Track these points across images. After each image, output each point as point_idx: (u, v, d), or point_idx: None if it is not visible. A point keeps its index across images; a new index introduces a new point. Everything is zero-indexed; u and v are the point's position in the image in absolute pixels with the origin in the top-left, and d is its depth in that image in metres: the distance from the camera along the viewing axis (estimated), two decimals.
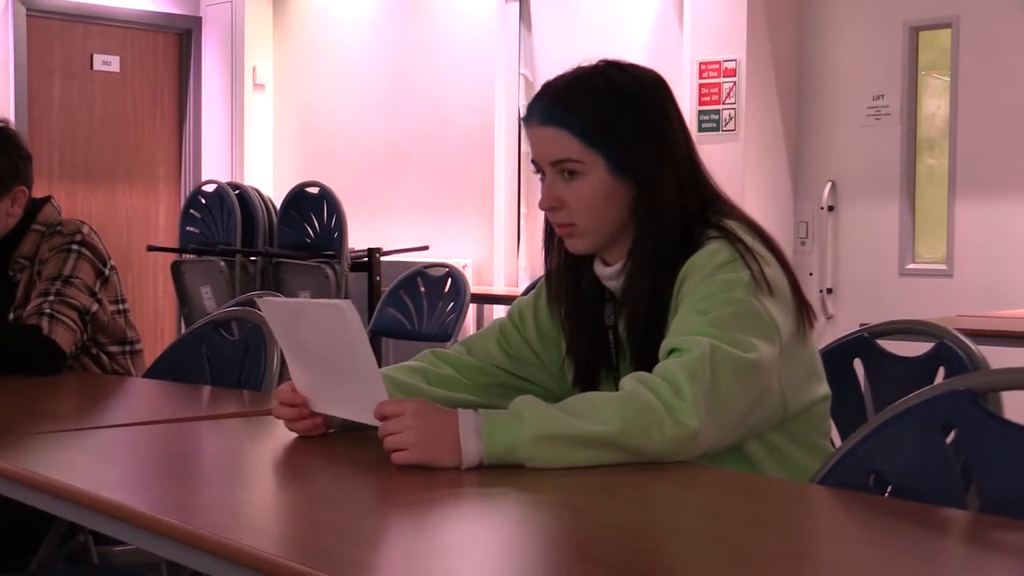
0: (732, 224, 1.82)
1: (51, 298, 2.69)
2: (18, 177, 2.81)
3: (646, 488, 1.57)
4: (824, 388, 1.90)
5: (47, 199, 2.88)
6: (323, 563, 1.22)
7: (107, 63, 7.71)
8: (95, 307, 2.76)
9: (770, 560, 1.26)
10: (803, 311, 1.83)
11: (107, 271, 2.81)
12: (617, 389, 1.71)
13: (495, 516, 1.50)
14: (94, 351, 2.82)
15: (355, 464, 1.76)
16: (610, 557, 1.26)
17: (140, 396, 2.54)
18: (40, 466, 1.72)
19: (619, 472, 1.60)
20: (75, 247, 2.77)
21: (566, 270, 1.95)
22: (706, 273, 1.75)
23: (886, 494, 1.60)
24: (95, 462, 1.83)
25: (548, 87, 1.89)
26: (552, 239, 1.96)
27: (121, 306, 2.86)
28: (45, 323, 2.65)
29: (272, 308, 1.89)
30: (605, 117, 1.84)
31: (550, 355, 2.00)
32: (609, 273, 1.90)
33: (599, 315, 1.94)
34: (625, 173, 1.84)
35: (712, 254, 1.77)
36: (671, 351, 1.70)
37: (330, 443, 1.85)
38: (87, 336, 2.77)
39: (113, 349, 2.84)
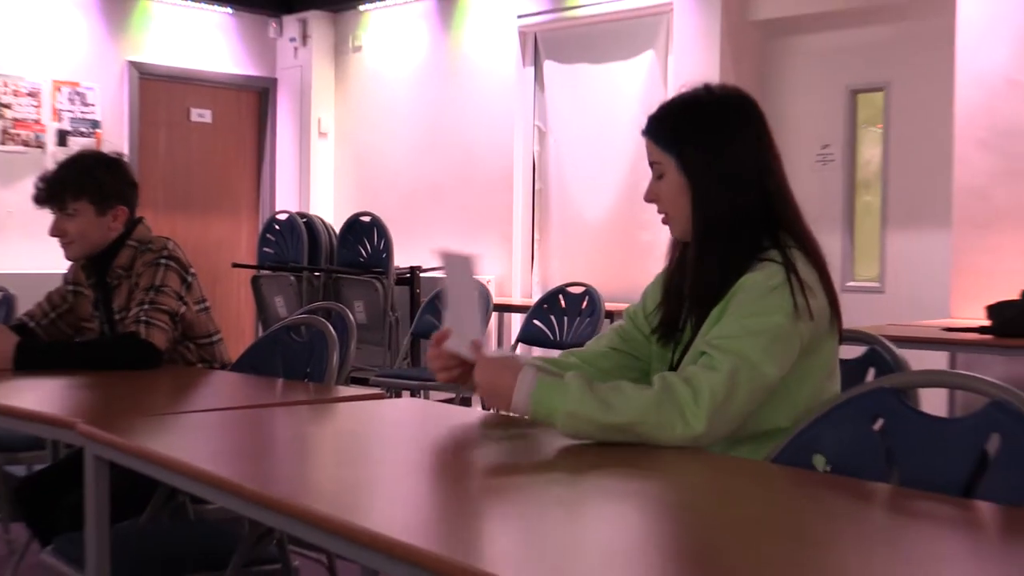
0: (795, 254, 1.76)
1: (146, 307, 2.71)
2: (121, 198, 2.82)
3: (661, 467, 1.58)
4: (836, 388, 1.82)
5: (140, 219, 2.89)
6: (366, 517, 1.24)
7: (201, 115, 7.76)
8: (183, 308, 2.78)
9: (731, 525, 1.28)
10: (837, 328, 1.80)
11: (189, 277, 2.82)
12: (674, 356, 1.81)
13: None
14: (184, 343, 2.85)
15: (398, 440, 1.78)
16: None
17: (226, 386, 2.56)
18: (149, 442, 1.74)
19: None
20: (163, 260, 2.79)
21: (682, 250, 1.91)
22: (758, 292, 1.72)
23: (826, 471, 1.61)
24: (190, 439, 1.85)
25: (659, 106, 1.89)
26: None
27: (203, 304, 2.87)
28: (142, 328, 2.68)
29: (447, 259, 1.91)
30: (674, 127, 1.83)
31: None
32: None
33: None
34: (686, 175, 1.82)
35: (768, 276, 1.73)
36: (703, 354, 1.70)
37: (380, 424, 1.86)
38: (178, 332, 2.80)
39: (200, 341, 2.87)
